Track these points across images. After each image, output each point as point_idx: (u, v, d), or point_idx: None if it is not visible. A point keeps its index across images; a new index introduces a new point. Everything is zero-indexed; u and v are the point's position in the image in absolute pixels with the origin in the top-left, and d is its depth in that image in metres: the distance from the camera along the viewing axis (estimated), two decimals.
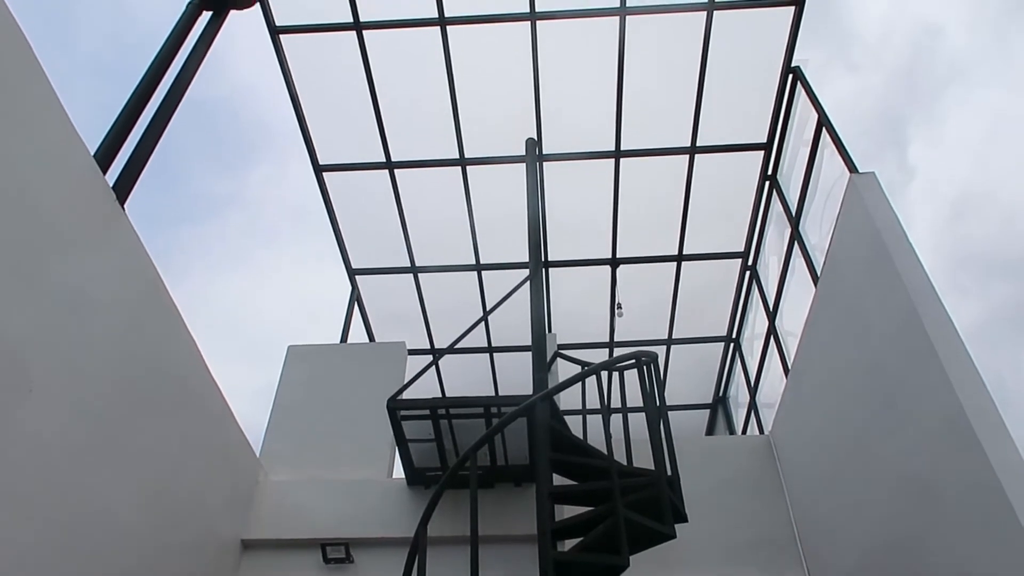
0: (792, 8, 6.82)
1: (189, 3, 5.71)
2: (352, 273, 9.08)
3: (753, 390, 8.95)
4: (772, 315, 8.12)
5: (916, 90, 21.95)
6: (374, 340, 9.73)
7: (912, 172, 21.55)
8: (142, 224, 4.75)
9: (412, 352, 8.93)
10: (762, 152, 7.87)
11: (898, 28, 21.86)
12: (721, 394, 10.48)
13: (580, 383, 4.88)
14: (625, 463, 4.91)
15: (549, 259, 8.84)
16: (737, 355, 9.74)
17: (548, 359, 6.48)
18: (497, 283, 8.83)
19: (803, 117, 7.36)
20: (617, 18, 6.88)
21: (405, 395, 5.97)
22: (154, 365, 4.78)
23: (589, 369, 4.76)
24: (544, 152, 7.85)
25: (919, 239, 6.00)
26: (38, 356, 3.70)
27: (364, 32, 6.98)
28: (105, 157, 4.51)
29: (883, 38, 21.85)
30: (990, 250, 21.27)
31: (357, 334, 9.48)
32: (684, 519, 4.49)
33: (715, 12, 6.82)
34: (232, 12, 6.02)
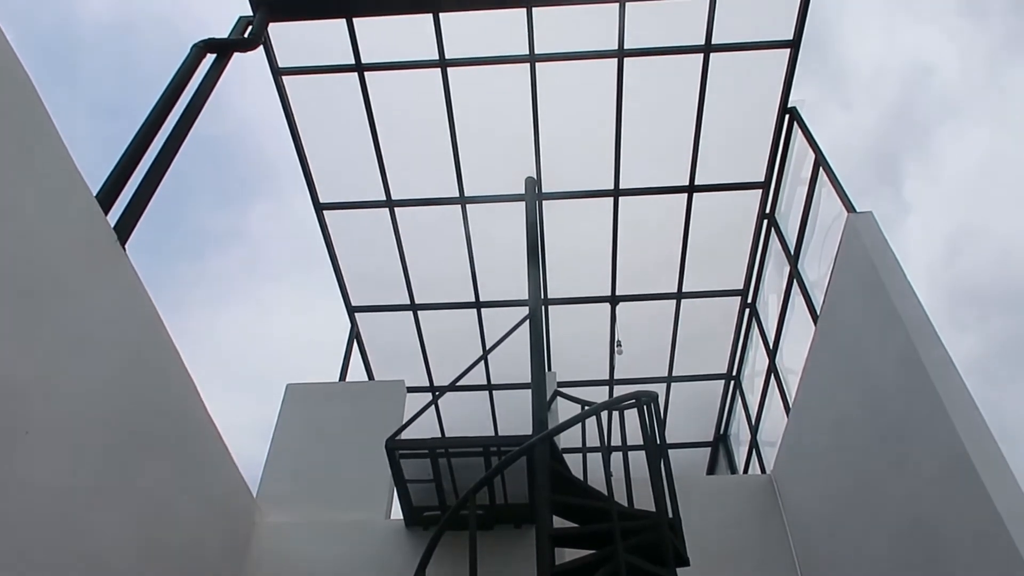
0: (788, 50, 6.92)
1: (193, 46, 5.79)
2: (352, 310, 9.07)
3: (754, 428, 8.89)
4: (772, 353, 8.11)
5: (910, 127, 22.21)
6: (373, 378, 9.69)
7: (908, 207, 21.72)
8: (143, 258, 4.76)
9: (411, 390, 8.89)
10: (760, 191, 7.92)
11: (891, 66, 22.20)
12: (722, 432, 10.41)
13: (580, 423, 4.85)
14: (626, 504, 4.86)
15: (549, 296, 8.85)
16: (738, 393, 9.70)
17: (547, 398, 6.46)
18: (496, 320, 8.83)
19: (800, 156, 7.43)
20: (615, 60, 6.97)
21: (404, 434, 5.93)
22: (152, 407, 4.75)
23: (589, 410, 4.74)
24: (543, 190, 7.90)
25: (916, 274, 6.04)
26: (35, 398, 3.68)
27: (366, 73, 7.06)
28: (107, 198, 4.54)
29: (876, 76, 22.18)
30: (987, 284, 21.35)
31: (356, 370, 9.46)
32: (686, 562, 4.43)
33: (712, 54, 6.92)
34: (236, 54, 6.11)
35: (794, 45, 6.86)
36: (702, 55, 6.95)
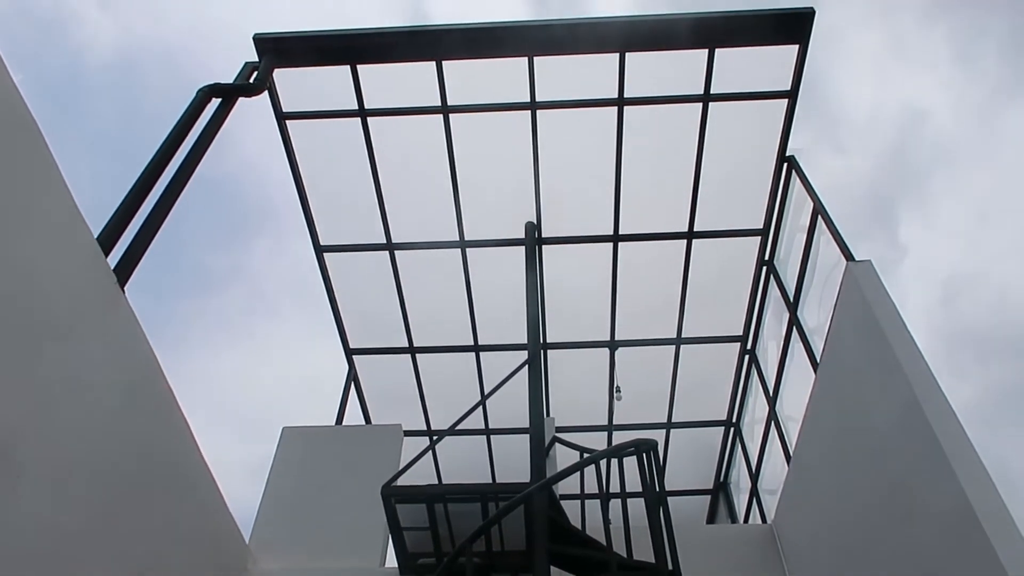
0: (785, 101, 7.01)
1: (199, 91, 5.87)
2: (350, 353, 9.04)
3: (754, 476, 8.79)
4: (772, 400, 8.06)
5: (904, 171, 22.42)
6: (370, 421, 9.62)
7: (904, 251, 21.80)
8: (141, 296, 4.75)
9: (408, 433, 8.79)
10: (759, 237, 7.96)
11: (884, 111, 22.50)
12: (722, 479, 10.29)
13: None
14: (625, 554, 4.78)
15: (548, 341, 8.83)
16: (738, 440, 9.62)
17: (546, 444, 6.40)
18: (495, 364, 8.80)
19: (799, 204, 7.48)
20: (615, 107, 7.06)
21: (401, 480, 5.86)
22: (146, 451, 4.70)
23: (588, 458, 4.69)
24: (543, 235, 7.94)
25: (913, 317, 6.04)
26: (28, 441, 3.64)
27: (368, 118, 7.15)
28: (108, 239, 4.55)
29: (870, 121, 22.47)
30: (985, 329, 21.35)
31: (353, 412, 9.39)
32: None
33: (711, 103, 7.01)
34: (240, 99, 6.19)
35: (792, 96, 6.95)
36: (701, 104, 7.04)
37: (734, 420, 9.56)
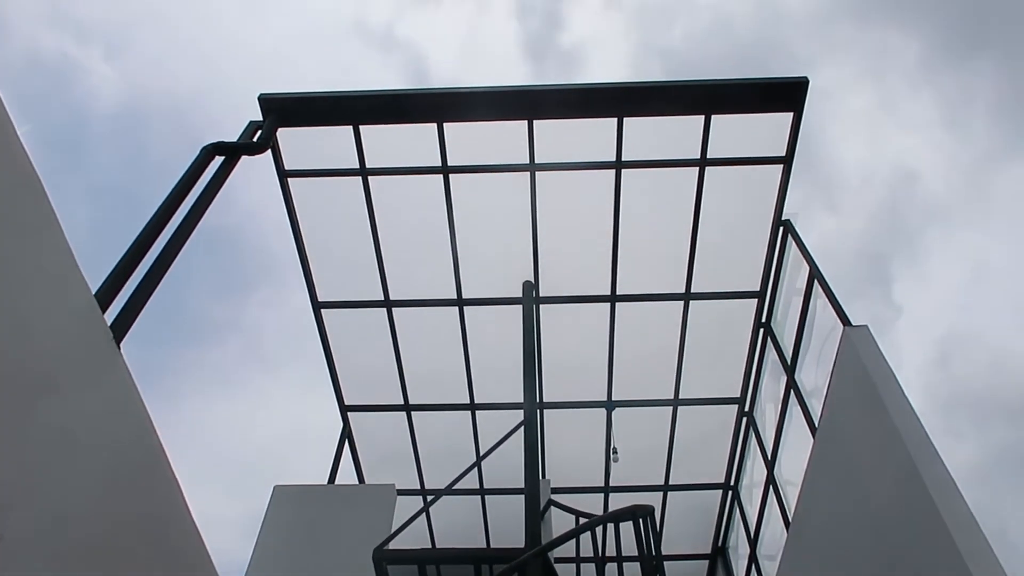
0: (780, 166, 7.11)
1: (203, 148, 5.92)
2: (344, 410, 8.96)
3: (753, 541, 8.64)
4: (771, 464, 7.97)
5: (897, 230, 22.69)
6: (363, 478, 9.49)
7: (899, 310, 21.90)
8: (137, 345, 4.71)
9: (402, 492, 8.67)
10: (756, 300, 7.98)
11: (876, 172, 22.86)
12: (720, 544, 10.11)
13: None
14: None
15: (544, 400, 8.78)
16: (736, 503, 9.48)
17: (541, 507, 6.30)
18: (491, 423, 8.73)
19: (795, 266, 7.52)
20: (613, 170, 7.15)
21: (393, 542, 5.75)
22: (134, 513, 4.61)
23: (584, 525, 4.62)
24: (541, 294, 7.95)
25: (910, 379, 6.06)
26: (14, 501, 3.57)
27: (369, 177, 7.23)
28: (106, 296, 4.54)
29: (862, 180, 22.80)
30: (982, 391, 21.31)
31: (347, 468, 9.27)
32: None
33: (707, 167, 7.10)
34: (243, 157, 6.25)
35: (787, 161, 7.05)
36: (698, 168, 7.13)
37: (732, 483, 9.44)
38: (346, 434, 9.11)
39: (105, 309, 4.53)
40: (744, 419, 8.86)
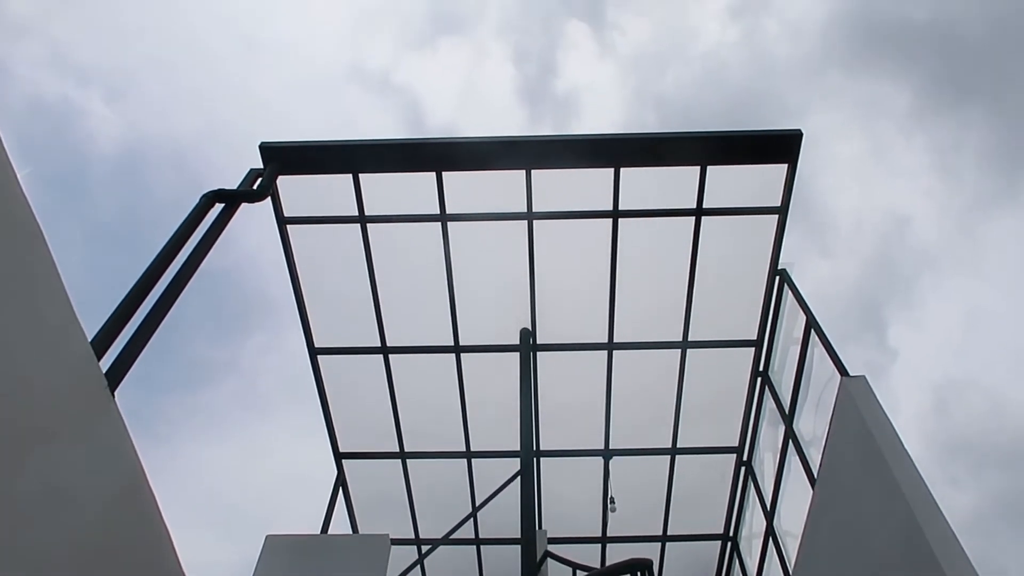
0: (776, 216, 7.16)
1: (203, 196, 5.96)
2: (339, 457, 8.87)
3: None
4: (770, 515, 7.88)
5: (891, 276, 22.82)
6: (357, 527, 9.34)
7: (894, 355, 21.90)
8: (132, 387, 4.67)
9: (396, 542, 8.53)
10: (753, 348, 7.98)
11: (868, 218, 23.08)
12: None
13: None
14: None
15: (541, 448, 8.70)
16: (736, 555, 9.33)
17: (538, 558, 6.20)
18: (487, 471, 8.63)
19: (792, 315, 7.54)
20: (610, 219, 7.20)
21: None
22: (123, 563, 4.53)
23: None
24: (538, 342, 7.95)
25: (907, 426, 6.04)
26: (1, 554, 3.51)
27: (368, 225, 7.26)
28: (102, 343, 4.53)
29: (856, 227, 23.00)
30: (979, 437, 21.22)
31: (340, 516, 9.13)
32: None
33: (703, 216, 7.16)
34: (243, 204, 6.28)
35: (782, 211, 7.11)
36: (694, 217, 7.18)
37: (731, 534, 9.31)
38: (340, 481, 9.00)
39: (101, 356, 4.51)
40: (742, 468, 8.78)
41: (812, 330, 6.73)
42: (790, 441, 7.31)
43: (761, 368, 8.09)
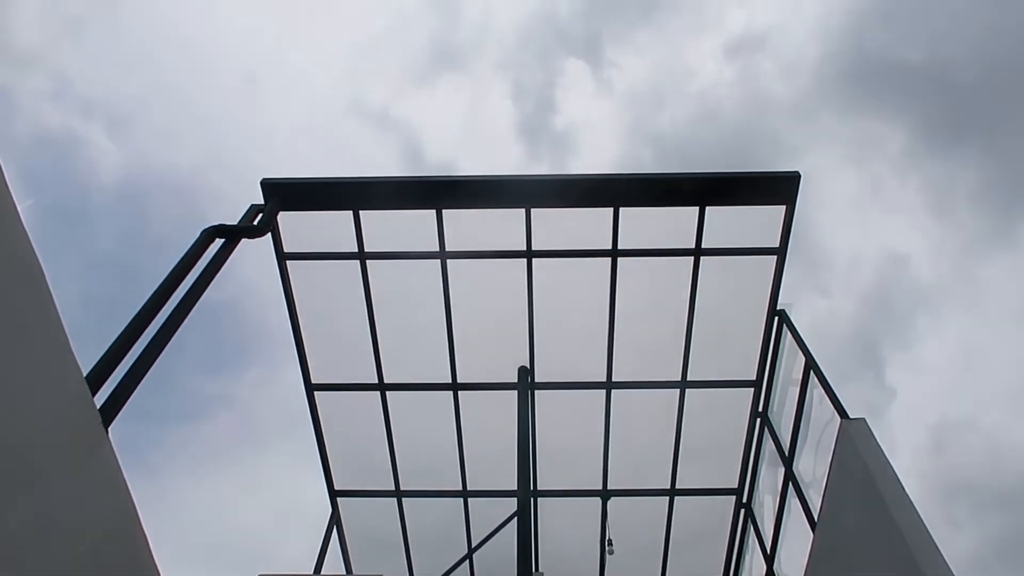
0: (774, 257, 7.17)
1: (203, 231, 5.97)
2: (334, 495, 8.76)
3: None
4: (770, 559, 7.77)
5: (887, 314, 22.83)
6: (351, 567, 9.20)
7: (892, 393, 21.80)
8: (125, 419, 4.62)
9: None
10: (752, 389, 7.94)
11: (864, 256, 23.17)
12: None
13: None
14: None
15: (538, 488, 8.60)
16: None
17: None
18: (484, 510, 8.52)
19: (790, 356, 7.51)
20: (609, 258, 7.21)
21: None
22: None
23: None
24: (536, 380, 7.91)
25: (905, 465, 5.98)
26: None
27: (367, 261, 7.28)
28: (97, 379, 4.50)
29: (852, 265, 23.08)
30: (979, 478, 21.03)
31: (334, 555, 8.99)
32: None
33: (702, 257, 7.17)
34: (243, 240, 6.30)
35: (780, 252, 7.12)
36: (693, 257, 7.19)
37: None
38: (335, 520, 8.89)
39: (96, 392, 4.48)
40: (742, 511, 8.67)
41: (812, 371, 6.71)
42: (790, 483, 7.23)
43: (760, 409, 8.04)
